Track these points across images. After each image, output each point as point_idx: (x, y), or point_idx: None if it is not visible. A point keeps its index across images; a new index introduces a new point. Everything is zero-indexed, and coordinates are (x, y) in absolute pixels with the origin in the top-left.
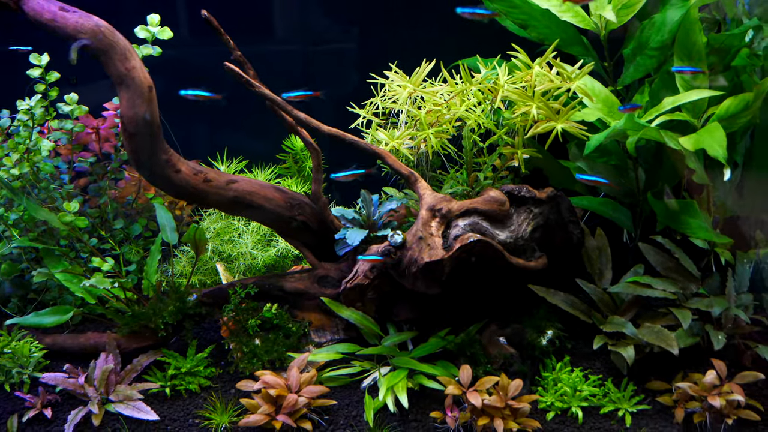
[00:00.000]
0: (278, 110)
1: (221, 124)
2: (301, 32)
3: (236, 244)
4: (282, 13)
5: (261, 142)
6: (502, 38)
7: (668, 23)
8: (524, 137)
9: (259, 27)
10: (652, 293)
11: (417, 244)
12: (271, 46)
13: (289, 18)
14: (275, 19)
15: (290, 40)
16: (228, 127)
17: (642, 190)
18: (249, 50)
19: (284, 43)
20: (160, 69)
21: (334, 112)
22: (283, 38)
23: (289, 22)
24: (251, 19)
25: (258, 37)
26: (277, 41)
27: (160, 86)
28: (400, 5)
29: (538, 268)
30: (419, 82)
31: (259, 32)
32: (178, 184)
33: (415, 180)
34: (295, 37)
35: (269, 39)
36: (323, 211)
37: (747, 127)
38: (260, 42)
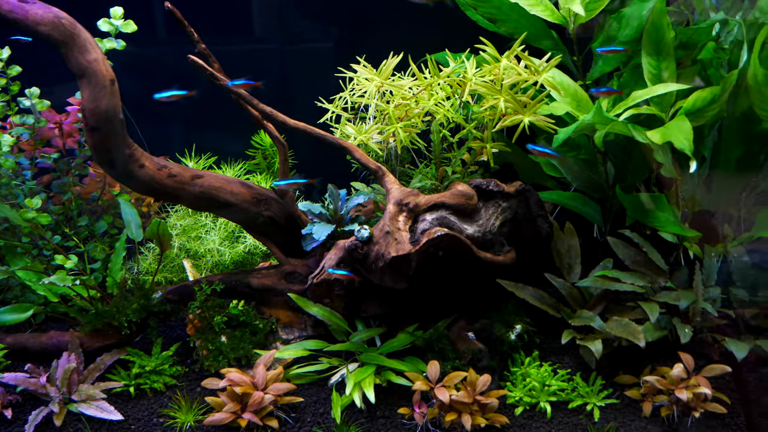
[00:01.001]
0: (244, 104)
1: (190, 120)
2: (276, 30)
3: (203, 241)
4: (256, 11)
5: (230, 139)
6: (473, 33)
7: (636, 17)
8: (492, 131)
9: (236, 25)
10: (621, 287)
11: (384, 239)
12: (248, 45)
13: (265, 15)
14: (251, 17)
15: (266, 39)
16: (196, 124)
17: (611, 184)
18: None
19: (261, 42)
20: (128, 66)
21: (309, 108)
22: (260, 37)
23: (264, 20)
24: (228, 17)
25: (233, 35)
26: (253, 40)
27: (129, 83)
28: (369, 1)
29: (507, 262)
30: (387, 75)
31: (235, 30)
32: (142, 180)
33: (383, 174)
34: (271, 35)
35: (245, 37)
36: (290, 206)
37: (714, 121)
38: (235, 41)
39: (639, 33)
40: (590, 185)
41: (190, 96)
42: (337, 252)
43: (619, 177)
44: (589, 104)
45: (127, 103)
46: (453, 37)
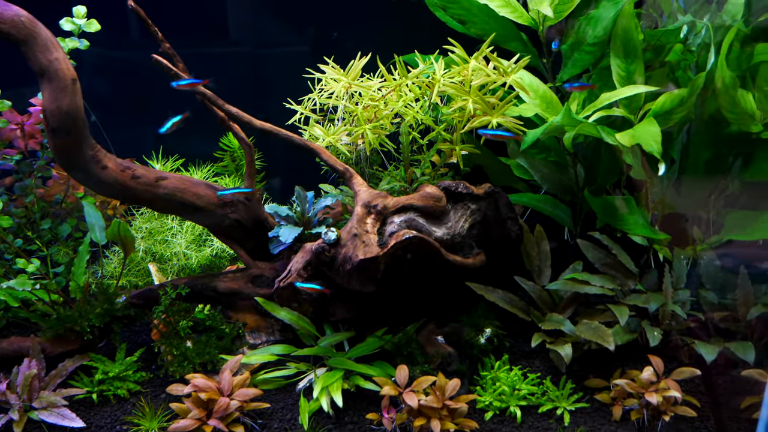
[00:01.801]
0: (209, 104)
1: (157, 122)
2: (250, 32)
3: (170, 244)
4: (231, 14)
5: (198, 141)
6: (443, 34)
7: (604, 19)
8: (461, 132)
9: (210, 28)
10: (590, 290)
11: (352, 242)
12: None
13: (239, 18)
14: (226, 19)
15: (240, 41)
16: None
17: (581, 186)
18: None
19: (235, 44)
20: (95, 66)
21: (283, 110)
22: (234, 39)
23: (239, 22)
24: (202, 19)
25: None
26: (228, 43)
27: (95, 83)
28: (339, 2)
29: (476, 265)
30: (355, 76)
31: (209, 33)
32: (105, 181)
33: (351, 176)
34: (245, 37)
35: (219, 40)
36: (257, 208)
37: (683, 123)
38: (210, 43)
39: (608, 35)
40: (560, 187)
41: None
42: (303, 255)
43: (589, 179)
44: (558, 106)
45: (93, 104)
46: (423, 38)
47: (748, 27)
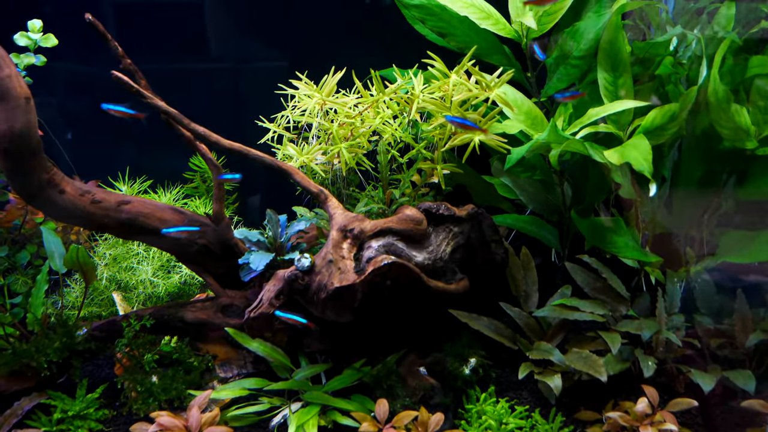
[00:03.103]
0: (174, 124)
1: (123, 141)
2: (228, 49)
3: (135, 271)
4: (211, 29)
5: (167, 161)
6: (423, 48)
7: (590, 32)
8: (442, 151)
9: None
10: (580, 316)
11: (327, 268)
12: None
13: (217, 34)
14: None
15: (219, 58)
16: (131, 145)
17: (569, 206)
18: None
19: (213, 60)
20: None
21: (255, 128)
22: (212, 55)
23: (217, 38)
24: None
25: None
26: (207, 59)
27: (56, 101)
28: (313, 15)
29: (459, 291)
30: (329, 92)
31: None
32: (62, 206)
33: (326, 198)
34: (223, 53)
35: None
36: (226, 233)
37: (674, 140)
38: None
39: (594, 48)
40: (547, 207)
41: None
42: (276, 283)
43: (576, 198)
44: (544, 122)
45: (53, 122)
46: (402, 52)
47: (740, 38)
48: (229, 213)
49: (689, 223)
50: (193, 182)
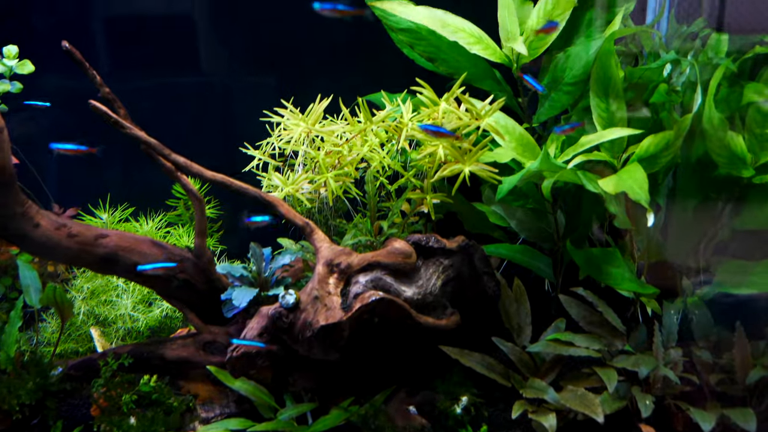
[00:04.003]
0: (154, 154)
1: (104, 166)
2: (208, 72)
3: (115, 305)
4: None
5: (150, 187)
6: (411, 72)
7: (583, 57)
8: (432, 181)
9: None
10: (575, 352)
11: (312, 305)
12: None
13: (198, 56)
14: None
15: (210, 73)
16: (112, 170)
17: (562, 235)
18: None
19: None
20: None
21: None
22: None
23: (197, 60)
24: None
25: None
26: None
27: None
28: (301, 38)
29: (450, 326)
30: (315, 120)
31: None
32: (37, 241)
33: (311, 231)
34: (210, 74)
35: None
36: (208, 268)
37: (669, 167)
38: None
39: (586, 74)
40: (539, 235)
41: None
42: (259, 320)
43: (570, 227)
44: (535, 149)
45: (30, 149)
46: (390, 76)
47: (734, 63)
48: (213, 242)
49: (685, 251)
50: (177, 210)
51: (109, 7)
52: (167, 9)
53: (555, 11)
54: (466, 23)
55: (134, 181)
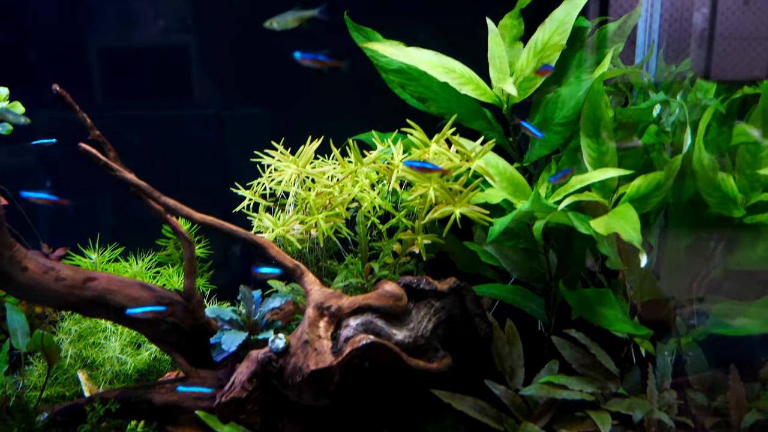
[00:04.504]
0: (143, 197)
1: (93, 205)
2: (204, 102)
3: (103, 348)
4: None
5: (139, 226)
6: (402, 112)
7: (573, 97)
8: (423, 222)
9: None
10: (569, 395)
11: (302, 349)
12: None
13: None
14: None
15: (203, 105)
16: (102, 210)
17: (554, 275)
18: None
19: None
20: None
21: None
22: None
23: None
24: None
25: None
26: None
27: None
28: (293, 77)
29: (442, 370)
30: (306, 161)
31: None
32: (25, 285)
33: (302, 274)
34: (206, 102)
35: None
36: (197, 311)
37: (660, 207)
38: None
39: (576, 114)
40: (531, 275)
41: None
42: (249, 365)
43: (562, 266)
44: (527, 189)
45: (21, 184)
46: (381, 116)
47: (723, 104)
48: (204, 281)
49: (678, 291)
50: (167, 250)
51: (100, 40)
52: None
53: (545, 52)
54: (456, 64)
55: (124, 221)
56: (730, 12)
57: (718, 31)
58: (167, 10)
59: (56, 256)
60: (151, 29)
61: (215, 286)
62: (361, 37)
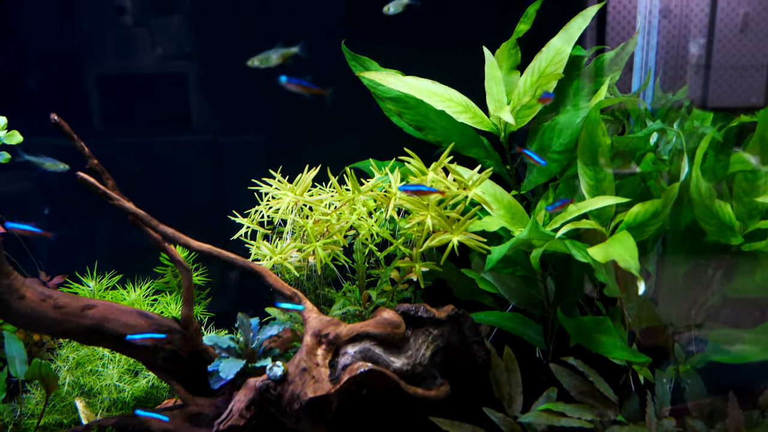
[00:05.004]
0: (141, 225)
1: (91, 233)
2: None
3: (100, 375)
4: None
5: (137, 254)
6: (400, 140)
7: (570, 126)
8: (421, 250)
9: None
10: (567, 423)
11: (300, 377)
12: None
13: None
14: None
15: (201, 132)
16: (99, 237)
17: (552, 302)
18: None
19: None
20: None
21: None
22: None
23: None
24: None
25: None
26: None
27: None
28: (290, 105)
29: (440, 397)
30: (304, 189)
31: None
32: (22, 313)
33: (299, 301)
34: (204, 129)
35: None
36: (195, 339)
37: (657, 235)
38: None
39: (574, 142)
40: (529, 302)
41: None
42: (246, 393)
43: (559, 294)
44: (524, 217)
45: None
46: (379, 143)
47: (720, 132)
48: (201, 309)
49: (676, 318)
50: (164, 277)
51: (98, 67)
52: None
53: (541, 81)
54: (453, 92)
55: (121, 248)
56: (726, 40)
57: (715, 59)
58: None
59: (54, 284)
60: (149, 56)
61: (212, 314)
62: (359, 66)
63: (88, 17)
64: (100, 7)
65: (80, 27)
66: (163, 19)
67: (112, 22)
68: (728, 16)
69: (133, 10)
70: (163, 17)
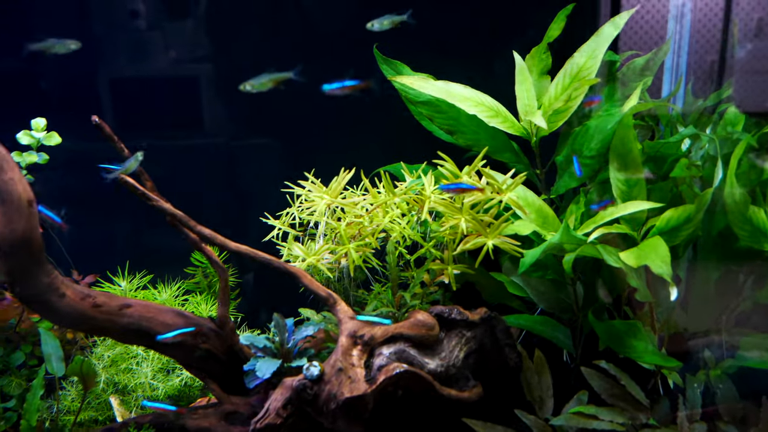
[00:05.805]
0: (180, 226)
1: (122, 233)
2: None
3: (134, 373)
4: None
5: (168, 254)
6: (430, 144)
7: (601, 131)
8: (454, 253)
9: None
10: (599, 425)
11: (336, 377)
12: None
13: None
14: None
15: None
16: (130, 237)
17: (581, 306)
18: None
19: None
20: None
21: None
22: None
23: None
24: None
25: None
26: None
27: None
28: (321, 109)
29: (473, 399)
30: (338, 192)
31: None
32: (63, 312)
33: (335, 303)
34: (220, 132)
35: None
36: (231, 338)
37: (689, 240)
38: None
39: (605, 147)
40: (558, 306)
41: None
42: (283, 392)
43: (588, 298)
44: (555, 221)
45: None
46: (409, 147)
47: (754, 137)
48: (231, 308)
49: (706, 323)
50: (195, 278)
51: (111, 71)
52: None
53: (573, 86)
54: (484, 97)
55: (152, 249)
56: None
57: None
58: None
59: (86, 283)
60: (162, 59)
61: (242, 314)
62: (391, 70)
63: (101, 21)
64: (114, 10)
65: (93, 30)
66: (177, 23)
67: (126, 25)
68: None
69: (146, 14)
70: (176, 21)
